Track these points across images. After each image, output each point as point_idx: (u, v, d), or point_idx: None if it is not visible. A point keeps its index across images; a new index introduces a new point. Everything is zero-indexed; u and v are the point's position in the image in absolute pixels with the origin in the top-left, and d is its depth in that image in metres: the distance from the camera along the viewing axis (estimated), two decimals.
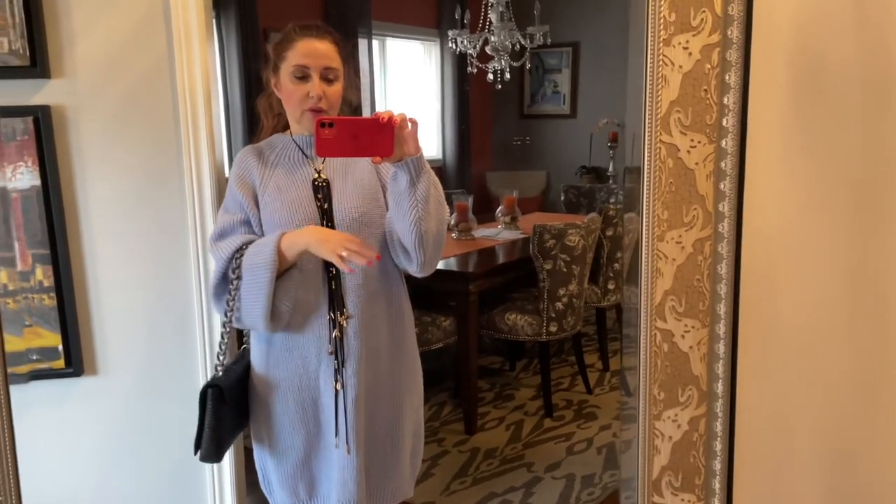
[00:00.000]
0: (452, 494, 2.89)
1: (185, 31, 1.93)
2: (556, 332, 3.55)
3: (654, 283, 1.13)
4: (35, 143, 1.88)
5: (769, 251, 1.15)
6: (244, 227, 1.67)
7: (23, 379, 1.94)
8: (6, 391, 1.06)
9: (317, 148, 1.41)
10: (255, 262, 1.57)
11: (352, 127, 1.42)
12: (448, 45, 4.67)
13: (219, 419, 1.65)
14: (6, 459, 1.05)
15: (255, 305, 1.58)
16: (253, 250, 1.59)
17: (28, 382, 1.95)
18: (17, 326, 1.93)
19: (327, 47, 1.66)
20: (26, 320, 1.94)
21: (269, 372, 1.69)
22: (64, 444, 2.05)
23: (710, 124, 1.09)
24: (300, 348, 1.67)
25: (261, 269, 1.56)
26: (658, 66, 1.07)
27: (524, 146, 6.81)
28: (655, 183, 1.10)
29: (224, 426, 1.68)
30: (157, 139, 1.98)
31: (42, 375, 1.97)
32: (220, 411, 1.65)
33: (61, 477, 2.05)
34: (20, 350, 1.95)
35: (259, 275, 1.56)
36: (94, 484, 2.08)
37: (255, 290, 1.57)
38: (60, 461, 2.05)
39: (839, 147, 1.10)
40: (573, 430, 3.46)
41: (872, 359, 1.14)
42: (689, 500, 1.21)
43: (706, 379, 1.17)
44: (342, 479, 1.69)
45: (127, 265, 2.00)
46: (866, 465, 1.17)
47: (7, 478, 1.06)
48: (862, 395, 1.15)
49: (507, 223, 4.24)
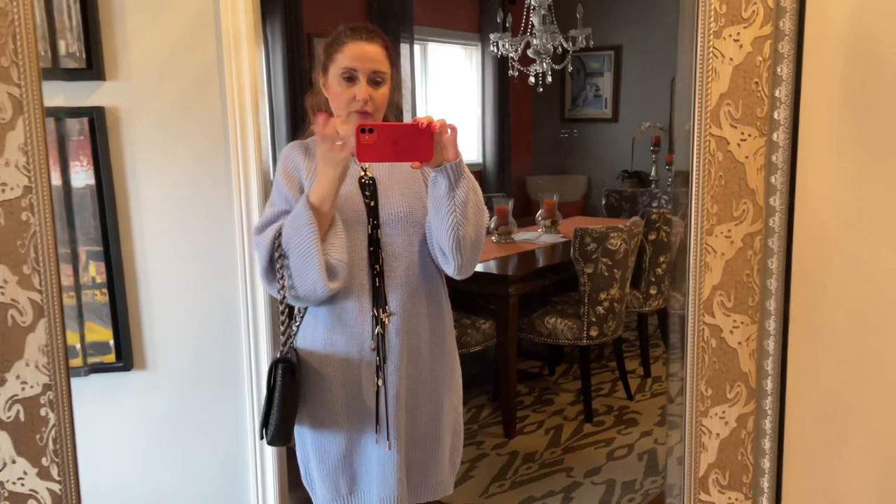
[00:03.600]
0: (491, 497, 2.88)
1: (234, 35, 1.97)
2: (597, 337, 3.52)
3: (702, 278, 1.12)
4: (90, 143, 1.94)
5: (821, 246, 1.13)
6: (286, 217, 1.67)
7: (82, 372, 1.99)
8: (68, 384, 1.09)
9: (357, 153, 1.43)
10: (296, 226, 1.56)
11: (392, 132, 1.44)
12: (489, 48, 4.68)
13: (287, 396, 1.65)
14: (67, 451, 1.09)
15: (309, 268, 1.56)
16: (288, 222, 1.59)
17: (88, 375, 2.00)
18: (73, 322, 1.99)
19: (376, 50, 1.68)
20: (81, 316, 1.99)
21: (314, 365, 1.71)
22: (114, 437, 2.10)
23: (760, 117, 1.08)
24: (343, 343, 1.68)
25: (304, 230, 1.55)
26: (708, 58, 1.06)
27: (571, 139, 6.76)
28: (705, 177, 1.09)
29: (289, 405, 1.67)
30: (207, 139, 2.03)
31: (94, 370, 2.03)
32: (289, 387, 1.65)
33: (111, 469, 2.11)
34: (75, 345, 2.00)
35: (305, 235, 1.55)
36: (142, 477, 2.12)
37: (304, 253, 1.56)
38: (111, 454, 2.10)
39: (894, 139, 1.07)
40: (613, 435, 3.42)
41: None
42: (737, 499, 1.19)
43: (755, 375, 1.15)
44: (383, 475, 1.71)
45: (176, 262, 2.05)
46: None
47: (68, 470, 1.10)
48: None
49: (547, 227, 4.22)
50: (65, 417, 1.06)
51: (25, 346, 1.03)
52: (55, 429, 1.06)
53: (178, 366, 2.10)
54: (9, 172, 1.00)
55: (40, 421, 1.05)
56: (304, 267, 1.58)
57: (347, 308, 1.67)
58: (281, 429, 1.67)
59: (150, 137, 1.99)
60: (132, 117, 1.97)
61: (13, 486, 1.06)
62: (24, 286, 1.02)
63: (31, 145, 0.99)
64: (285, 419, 1.66)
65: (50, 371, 1.04)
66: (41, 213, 1.00)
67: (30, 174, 0.99)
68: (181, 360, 2.10)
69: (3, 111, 0.99)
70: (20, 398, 1.04)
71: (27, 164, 1.00)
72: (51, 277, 1.02)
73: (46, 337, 1.03)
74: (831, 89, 1.09)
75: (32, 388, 1.04)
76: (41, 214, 1.00)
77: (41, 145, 0.99)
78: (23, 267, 1.02)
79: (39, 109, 0.99)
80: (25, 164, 1.00)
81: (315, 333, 1.71)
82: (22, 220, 1.01)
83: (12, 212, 1.02)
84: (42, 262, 1.01)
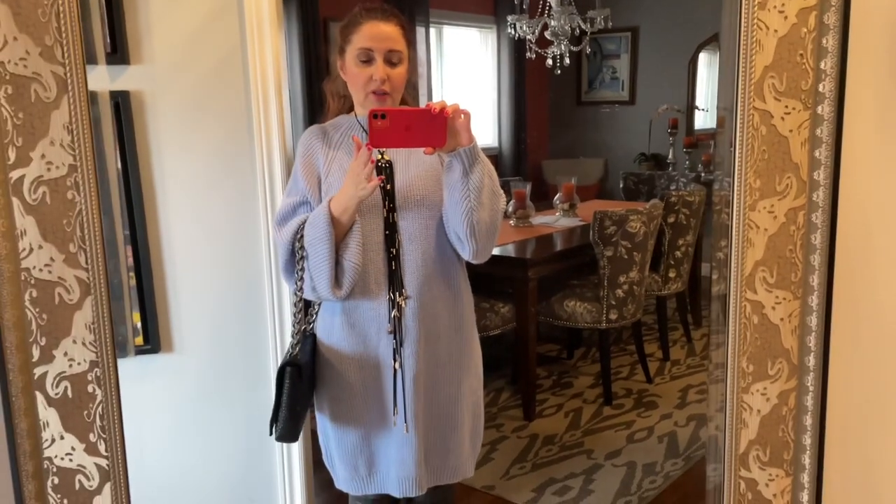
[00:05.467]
0: (512, 479, 2.89)
1: (257, 19, 1.97)
2: (616, 320, 3.51)
3: (744, 254, 1.11)
4: (116, 127, 1.94)
5: (866, 222, 1.11)
6: (304, 208, 1.70)
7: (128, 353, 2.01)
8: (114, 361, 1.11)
9: (370, 139, 1.43)
10: (315, 237, 1.61)
11: (404, 118, 1.43)
12: (506, 31, 4.64)
13: (295, 398, 1.69)
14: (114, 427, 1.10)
15: (321, 276, 1.62)
16: (309, 228, 1.63)
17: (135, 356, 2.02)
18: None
19: (392, 30, 1.67)
20: None
21: (332, 348, 1.73)
22: (143, 418, 2.11)
23: (805, 90, 1.06)
24: (361, 326, 1.70)
25: (320, 244, 1.60)
26: (752, 30, 1.05)
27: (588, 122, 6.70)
28: (748, 150, 1.08)
29: (300, 404, 1.71)
30: (231, 124, 2.03)
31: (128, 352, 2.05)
32: (296, 390, 1.68)
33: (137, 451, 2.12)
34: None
35: (320, 249, 1.60)
36: (170, 457, 2.14)
37: (319, 264, 1.61)
38: (138, 435, 2.11)
39: None
40: (633, 418, 3.42)
41: None
42: (778, 475, 1.18)
43: (797, 352, 1.14)
44: (401, 458, 1.72)
45: (202, 245, 2.06)
46: None
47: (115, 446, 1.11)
48: None
49: (565, 210, 4.21)
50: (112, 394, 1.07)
51: (73, 323, 1.04)
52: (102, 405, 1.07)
53: (205, 348, 2.11)
54: (54, 151, 1.01)
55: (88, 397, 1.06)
56: (318, 277, 1.63)
57: (367, 293, 1.68)
58: (288, 428, 1.71)
59: (175, 121, 1.99)
60: (157, 101, 1.97)
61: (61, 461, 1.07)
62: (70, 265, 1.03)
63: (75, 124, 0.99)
64: (293, 419, 1.70)
65: (96, 348, 1.05)
66: (87, 191, 1.00)
67: (75, 153, 1.00)
68: (208, 343, 2.11)
69: (48, 90, 0.99)
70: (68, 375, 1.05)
71: (72, 143, 1.00)
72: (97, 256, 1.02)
73: (93, 314, 1.03)
74: (878, 62, 1.07)
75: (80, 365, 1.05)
76: (87, 193, 1.00)
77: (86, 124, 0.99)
78: (69, 245, 1.02)
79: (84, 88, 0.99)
80: (70, 143, 1.00)
81: (333, 318, 1.73)
82: (68, 198, 1.02)
83: (58, 190, 1.02)
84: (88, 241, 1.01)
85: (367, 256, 1.66)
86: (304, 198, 1.70)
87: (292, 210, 1.70)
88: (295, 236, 1.65)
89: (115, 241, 1.95)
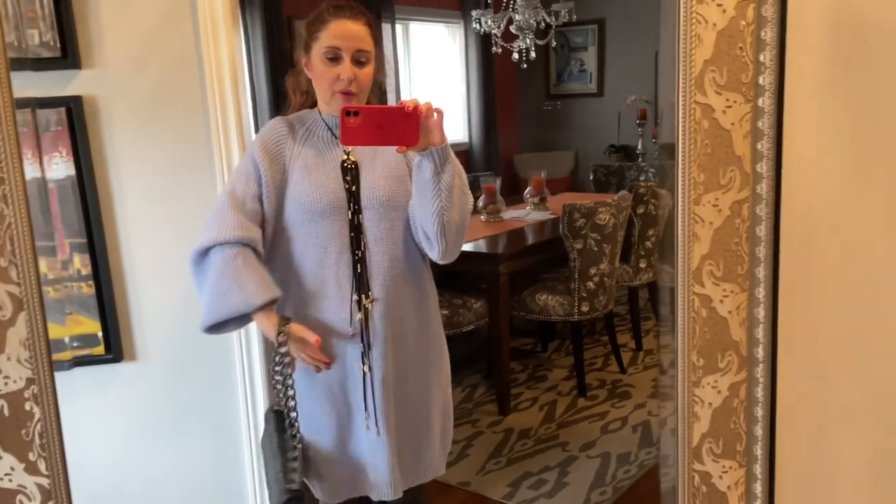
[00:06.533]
0: (488, 474, 2.89)
1: (211, 20, 1.94)
2: (588, 312, 3.53)
3: (690, 248, 1.11)
4: (69, 133, 1.91)
5: (809, 212, 1.12)
6: (255, 203, 1.63)
7: (66, 365, 1.98)
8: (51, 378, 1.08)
9: (342, 137, 1.41)
10: (230, 289, 1.57)
11: (377, 116, 1.41)
12: (472, 26, 4.63)
13: (278, 450, 1.65)
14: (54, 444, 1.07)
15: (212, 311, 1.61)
16: (222, 278, 1.58)
17: (72, 369, 1.99)
18: (59, 315, 1.97)
19: (360, 29, 1.64)
20: (67, 308, 1.97)
21: None
22: (106, 429, 2.09)
23: (745, 83, 1.07)
24: (326, 330, 1.66)
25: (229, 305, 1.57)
26: (691, 24, 1.05)
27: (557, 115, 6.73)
28: (691, 145, 1.08)
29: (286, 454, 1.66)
30: (189, 127, 2.00)
31: (83, 362, 2.01)
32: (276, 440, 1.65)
33: (105, 461, 2.10)
34: (62, 338, 1.99)
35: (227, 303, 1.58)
36: (137, 468, 2.12)
37: (219, 305, 1.59)
38: (104, 446, 2.09)
39: (882, 102, 1.06)
40: (607, 409, 3.44)
41: None
42: (731, 467, 1.19)
43: (746, 344, 1.15)
44: (375, 462, 1.71)
45: (161, 251, 2.03)
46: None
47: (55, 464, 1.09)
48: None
49: (535, 204, 4.22)
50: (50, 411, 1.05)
51: (6, 340, 1.01)
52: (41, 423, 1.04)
53: (169, 356, 2.08)
54: None
55: (25, 415, 1.03)
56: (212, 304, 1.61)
57: (329, 296, 1.65)
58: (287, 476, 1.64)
59: (131, 126, 1.96)
60: (111, 106, 1.94)
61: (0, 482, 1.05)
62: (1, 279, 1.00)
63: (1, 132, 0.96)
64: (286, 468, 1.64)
65: (32, 365, 1.02)
66: (15, 203, 0.97)
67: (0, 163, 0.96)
68: (172, 351, 2.08)
69: None
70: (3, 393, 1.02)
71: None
72: (29, 269, 0.99)
73: (27, 330, 1.01)
74: (817, 53, 1.08)
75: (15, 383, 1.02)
76: (15, 205, 0.97)
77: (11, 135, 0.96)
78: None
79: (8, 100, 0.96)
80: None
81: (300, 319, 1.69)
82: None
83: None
84: (19, 255, 0.98)
85: (331, 259, 1.65)
86: (259, 189, 1.64)
87: (243, 198, 1.62)
88: (226, 242, 1.59)
89: None
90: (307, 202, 1.63)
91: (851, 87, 1.08)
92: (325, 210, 1.63)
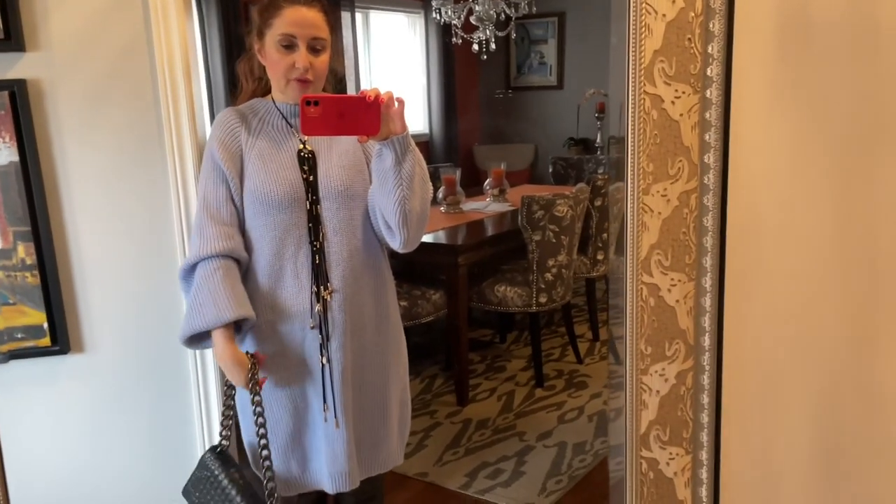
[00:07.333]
0: (445, 465, 2.90)
1: (161, 4, 1.89)
2: (546, 303, 3.55)
3: (639, 238, 1.12)
4: (12, 118, 1.85)
5: (755, 202, 1.14)
6: (228, 206, 1.64)
7: (2, 359, 1.91)
8: None
9: (302, 127, 1.39)
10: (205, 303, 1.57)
11: (338, 105, 1.40)
12: (432, 16, 4.61)
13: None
14: None
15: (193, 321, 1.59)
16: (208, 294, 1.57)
17: (7, 362, 1.92)
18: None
19: (315, 15, 1.62)
20: (10, 298, 1.91)
21: (254, 347, 1.68)
22: (52, 423, 2.03)
23: (694, 74, 1.08)
24: (283, 323, 1.65)
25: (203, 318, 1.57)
26: (641, 14, 1.05)
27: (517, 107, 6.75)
28: (640, 135, 1.09)
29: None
30: (138, 113, 1.95)
31: (28, 354, 1.95)
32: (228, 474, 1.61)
33: (49, 455, 2.04)
34: (9, 327, 1.92)
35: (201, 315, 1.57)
36: (83, 461, 2.07)
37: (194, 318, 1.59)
38: (49, 440, 2.04)
39: (827, 94, 1.09)
40: (564, 399, 3.48)
41: (862, 309, 1.14)
42: (678, 454, 1.21)
43: (693, 333, 1.17)
44: (333, 453, 1.69)
45: (110, 241, 1.98)
46: (854, 417, 1.17)
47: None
48: (851, 345, 1.15)
49: (495, 196, 4.23)
50: None
51: None
52: None
53: (119, 348, 2.04)
54: None
55: None
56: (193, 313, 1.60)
57: (287, 287, 1.64)
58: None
59: (78, 111, 1.90)
60: (56, 90, 1.88)
61: None
62: None
63: None
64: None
65: None
66: None
67: None
68: (121, 342, 2.04)
69: None
70: None
71: None
72: None
73: None
74: (764, 44, 1.09)
75: None
76: None
77: None
78: None
79: None
80: None
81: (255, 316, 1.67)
82: None
83: None
84: None
85: (289, 250, 1.62)
86: (227, 189, 1.64)
87: (217, 205, 1.62)
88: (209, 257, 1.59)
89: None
90: (264, 193, 1.61)
91: (797, 78, 1.10)
92: (283, 201, 1.61)
